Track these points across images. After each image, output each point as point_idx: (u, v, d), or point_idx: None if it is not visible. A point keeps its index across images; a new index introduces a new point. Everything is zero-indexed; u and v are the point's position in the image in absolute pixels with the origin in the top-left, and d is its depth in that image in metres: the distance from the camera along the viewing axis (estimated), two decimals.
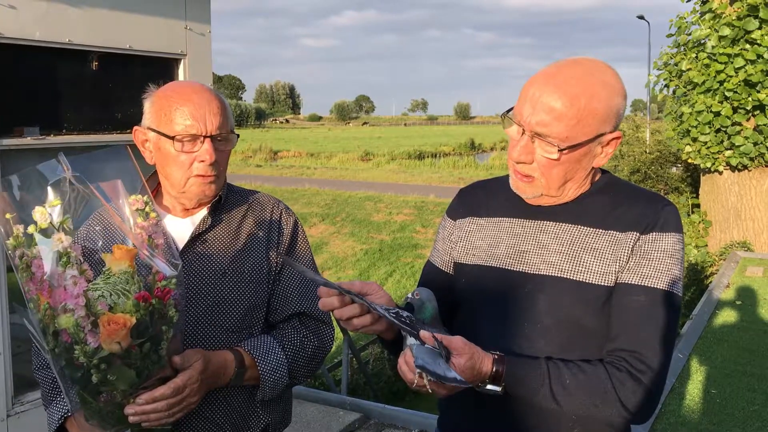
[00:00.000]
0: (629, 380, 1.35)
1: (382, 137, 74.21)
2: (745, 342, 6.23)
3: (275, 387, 1.66)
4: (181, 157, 1.60)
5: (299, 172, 37.20)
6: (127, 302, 1.28)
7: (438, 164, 43.02)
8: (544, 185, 1.45)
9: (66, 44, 3.02)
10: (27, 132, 2.96)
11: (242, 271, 1.67)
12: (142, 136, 1.66)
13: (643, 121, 20.70)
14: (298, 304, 1.74)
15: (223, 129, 1.63)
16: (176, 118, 1.58)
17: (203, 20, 3.64)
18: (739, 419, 4.52)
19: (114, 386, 1.32)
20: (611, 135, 1.42)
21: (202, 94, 1.62)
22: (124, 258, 1.34)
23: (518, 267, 1.50)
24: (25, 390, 3.08)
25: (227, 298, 1.65)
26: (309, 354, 1.72)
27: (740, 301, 7.70)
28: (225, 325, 1.64)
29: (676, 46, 12.52)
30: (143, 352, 1.31)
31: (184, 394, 1.43)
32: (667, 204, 1.48)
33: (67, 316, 1.24)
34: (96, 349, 1.25)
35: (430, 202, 24.27)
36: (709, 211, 12.61)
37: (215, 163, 1.61)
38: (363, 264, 18.79)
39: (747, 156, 11.36)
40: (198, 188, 1.63)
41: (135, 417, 1.37)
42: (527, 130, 1.40)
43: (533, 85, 1.41)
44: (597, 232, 1.46)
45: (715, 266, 11.46)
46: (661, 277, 1.40)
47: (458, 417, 1.60)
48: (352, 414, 4.42)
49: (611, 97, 1.39)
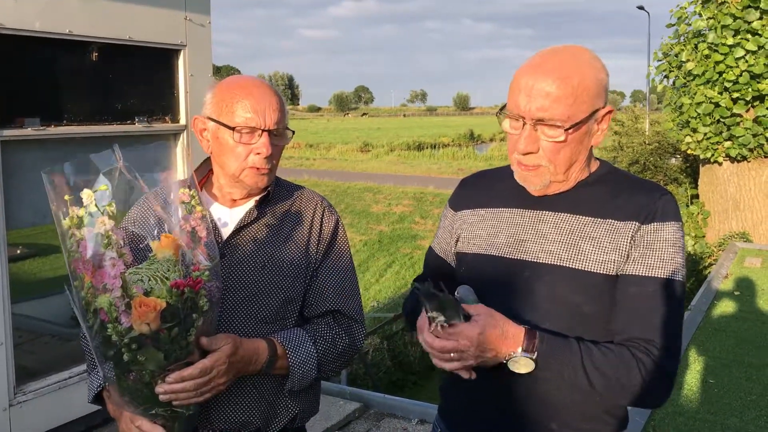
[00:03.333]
0: (651, 365, 1.38)
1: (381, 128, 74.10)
2: (743, 332, 6.26)
3: (303, 379, 1.70)
4: (239, 148, 1.65)
5: (298, 163, 37.16)
6: (162, 288, 1.35)
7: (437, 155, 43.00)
8: (552, 171, 1.46)
9: (66, 35, 3.03)
10: (28, 123, 2.96)
11: (281, 264, 1.72)
12: (201, 125, 1.72)
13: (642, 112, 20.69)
14: (333, 301, 1.77)
15: (280, 125, 1.68)
16: (237, 110, 1.64)
17: (203, 11, 3.64)
18: (737, 409, 4.55)
19: (143, 366, 1.38)
20: (604, 110, 1.46)
21: (264, 89, 1.68)
22: (169, 246, 1.41)
23: (517, 255, 1.52)
24: (27, 380, 3.10)
25: (264, 289, 1.69)
26: (339, 350, 1.76)
27: (738, 292, 7.72)
28: (259, 316, 1.69)
29: (677, 36, 12.50)
30: (171, 336, 1.37)
31: (212, 375, 1.47)
32: (664, 193, 1.50)
33: (105, 296, 1.32)
34: (128, 329, 1.33)
35: (429, 193, 24.28)
36: (708, 201, 12.63)
37: (270, 156, 1.67)
38: (362, 255, 18.81)
39: (746, 147, 11.37)
40: (252, 179, 1.68)
41: (165, 396, 1.43)
42: (528, 119, 1.41)
43: (523, 76, 1.43)
44: (596, 221, 1.48)
45: (713, 257, 11.51)
46: (666, 267, 1.43)
47: (458, 404, 1.63)
48: (352, 403, 4.44)
49: (598, 74, 1.44)
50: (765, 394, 4.79)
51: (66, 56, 3.12)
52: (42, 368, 3.24)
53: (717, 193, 12.33)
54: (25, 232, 3.27)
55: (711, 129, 11.62)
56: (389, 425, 4.25)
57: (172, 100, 3.58)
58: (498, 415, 1.52)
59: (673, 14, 12.50)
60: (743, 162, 11.82)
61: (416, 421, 4.29)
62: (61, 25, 3.00)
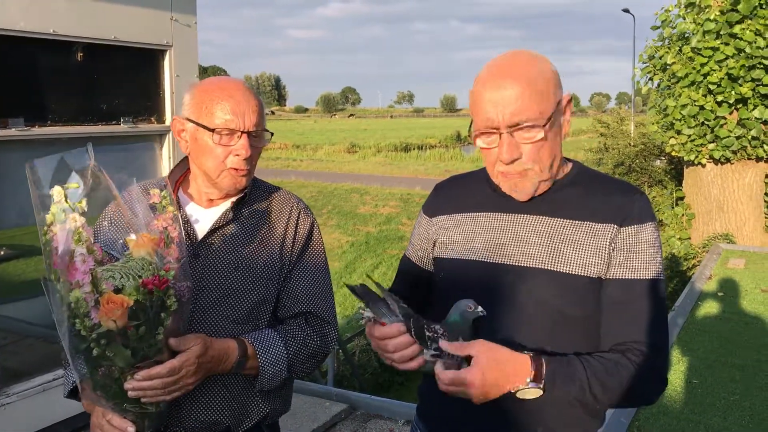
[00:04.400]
0: (646, 366, 1.40)
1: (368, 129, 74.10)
2: (726, 333, 6.31)
3: (274, 379, 1.71)
4: (217, 149, 1.67)
5: (285, 164, 37.06)
6: (131, 286, 1.36)
7: (424, 156, 43.01)
8: (538, 171, 1.47)
9: (51, 35, 3.01)
10: (12, 123, 2.94)
11: (255, 265, 1.72)
12: (180, 126, 1.73)
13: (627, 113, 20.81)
14: (306, 303, 1.78)
15: (259, 126, 1.70)
16: (217, 112, 1.65)
17: (189, 11, 3.62)
18: (720, 409, 4.59)
19: (112, 362, 1.41)
20: (565, 99, 1.49)
21: (244, 91, 1.70)
22: (146, 245, 1.43)
23: (498, 259, 1.52)
24: (11, 382, 3.08)
25: (237, 290, 1.70)
26: (310, 352, 1.77)
27: (722, 293, 7.78)
28: (232, 317, 1.69)
29: (661, 39, 12.59)
30: (139, 334, 1.38)
31: (180, 375, 1.49)
32: (639, 193, 1.53)
33: (77, 291, 1.34)
34: (95, 325, 1.34)
35: (416, 194, 24.29)
36: (692, 203, 12.73)
37: (249, 158, 1.68)
38: (349, 256, 18.80)
39: (730, 149, 11.47)
40: (230, 181, 1.70)
41: (133, 392, 1.45)
42: (503, 127, 1.42)
43: (484, 90, 1.44)
44: (574, 224, 1.49)
45: (697, 258, 11.60)
46: (649, 268, 1.46)
47: (437, 405, 1.62)
48: (339, 405, 4.44)
49: (548, 66, 1.48)
50: (748, 395, 4.83)
51: (50, 56, 3.10)
52: (26, 370, 3.22)
53: (701, 195, 12.43)
54: (9, 233, 3.25)
55: (695, 131, 11.71)
56: (376, 426, 4.26)
57: (158, 100, 3.57)
58: (476, 414, 1.52)
59: (658, 17, 12.60)
60: (727, 164, 11.93)
61: (402, 422, 4.30)
62: (46, 25, 2.98)
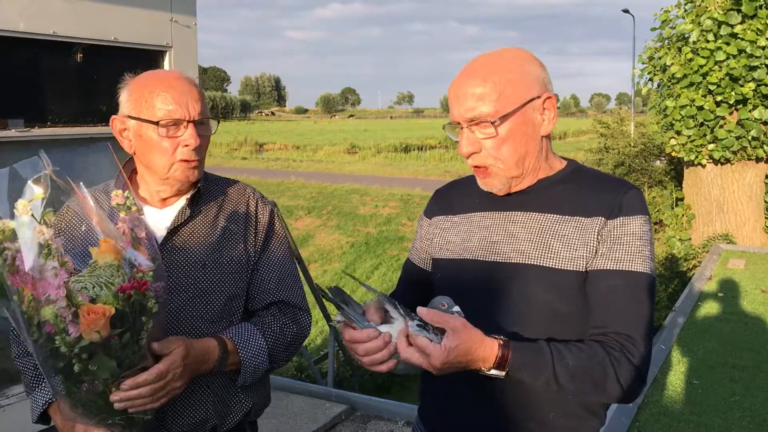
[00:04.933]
0: (624, 360, 1.38)
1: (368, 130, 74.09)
2: (726, 333, 6.31)
3: (256, 372, 1.70)
4: (164, 143, 1.61)
5: (285, 165, 37.05)
6: (108, 294, 1.30)
7: (424, 157, 42.98)
8: (503, 167, 1.49)
9: (50, 36, 3.00)
10: (11, 124, 2.94)
11: (221, 262, 1.70)
12: (121, 125, 1.67)
13: (627, 114, 20.82)
14: (276, 292, 1.77)
15: (204, 115, 1.65)
16: (158, 104, 1.60)
17: (189, 12, 3.62)
18: (721, 409, 4.59)
19: (95, 376, 1.34)
20: (541, 99, 1.48)
21: (183, 80, 1.65)
22: (110, 251, 1.35)
23: (490, 257, 1.53)
24: (10, 383, 3.07)
25: (207, 289, 1.67)
26: (288, 340, 1.76)
27: (722, 293, 7.78)
28: (206, 316, 1.67)
29: (661, 40, 12.60)
30: (123, 342, 1.33)
31: (168, 379, 1.45)
32: (630, 188, 1.52)
33: (50, 308, 1.26)
34: (77, 339, 1.28)
35: (416, 195, 24.28)
36: (692, 204, 12.73)
37: (198, 147, 1.63)
38: (349, 257, 18.79)
39: (729, 149, 11.47)
40: (182, 174, 1.64)
41: (120, 403, 1.39)
42: (462, 122, 1.48)
43: (452, 87, 1.51)
44: (564, 219, 1.49)
45: (697, 258, 11.59)
46: (634, 260, 1.44)
47: (437, 404, 1.63)
48: (339, 406, 4.44)
49: (523, 66, 1.48)
50: (748, 395, 4.83)
51: (50, 57, 3.10)
52: None
53: (701, 196, 12.43)
54: None
55: (694, 131, 11.71)
56: (375, 427, 4.26)
57: None
58: (476, 415, 1.53)
59: (658, 18, 12.60)
60: (727, 164, 11.93)
61: (402, 422, 4.30)
62: (46, 26, 2.98)
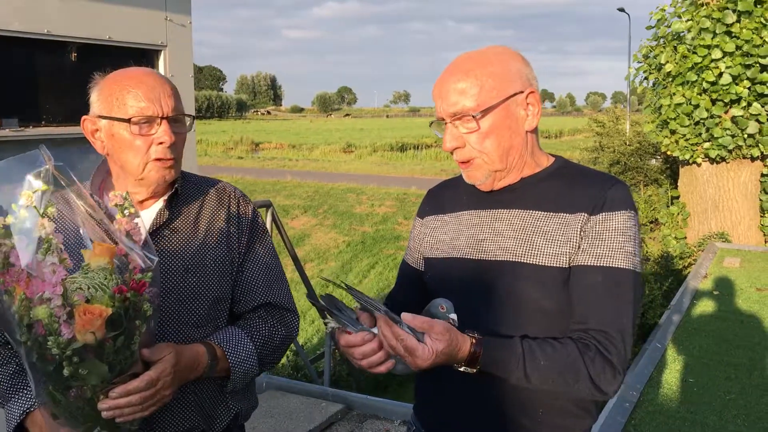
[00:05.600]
0: (599, 358, 1.38)
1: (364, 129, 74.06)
2: (722, 332, 6.32)
3: (245, 377, 1.67)
4: (137, 141, 1.55)
5: (281, 164, 37.00)
6: (104, 296, 1.26)
7: (420, 156, 43.00)
8: (487, 161, 1.50)
9: (45, 35, 2.99)
10: (5, 124, 2.93)
11: (205, 264, 1.64)
12: (92, 126, 1.61)
13: (623, 113, 20.84)
14: (263, 294, 1.72)
15: (178, 111, 1.59)
16: (129, 101, 1.54)
17: (184, 11, 3.61)
18: (716, 407, 4.60)
19: (85, 381, 1.29)
20: (523, 94, 1.49)
21: (154, 76, 1.59)
22: (103, 254, 1.32)
23: (477, 255, 1.54)
24: None
25: (192, 293, 1.62)
26: (277, 343, 1.72)
27: (718, 292, 7.79)
28: (191, 321, 1.62)
29: (656, 38, 12.61)
30: (116, 345, 1.29)
31: (158, 387, 1.40)
32: (615, 182, 1.51)
33: (43, 307, 1.23)
34: (70, 341, 1.23)
35: (412, 194, 24.28)
36: (687, 202, 12.75)
37: (173, 145, 1.57)
38: (345, 256, 18.78)
39: (725, 148, 11.49)
40: (157, 173, 1.58)
41: (108, 412, 1.33)
42: (446, 117, 1.50)
43: (436, 84, 1.53)
44: (548, 216, 1.50)
45: (693, 257, 11.61)
46: (615, 256, 1.43)
47: (432, 402, 1.64)
48: (335, 405, 4.44)
49: (505, 62, 1.50)
50: (744, 393, 4.84)
51: (45, 56, 3.09)
52: None
53: (696, 194, 12.44)
54: None
55: (689, 130, 11.73)
56: (372, 426, 4.26)
57: None
58: (471, 412, 1.53)
59: (653, 16, 12.61)
60: (722, 163, 11.94)
61: (399, 422, 4.30)
62: (40, 25, 2.97)
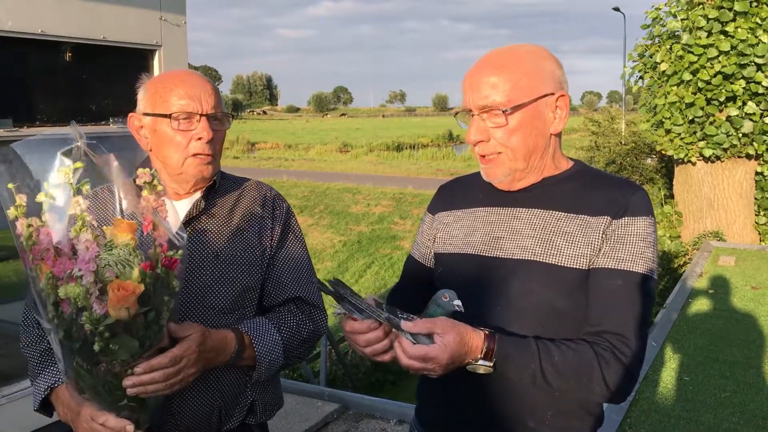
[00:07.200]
0: (613, 361, 1.39)
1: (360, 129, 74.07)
2: (717, 330, 6.33)
3: (271, 367, 1.69)
4: (177, 137, 1.63)
5: (277, 164, 36.99)
6: (132, 272, 1.29)
7: (416, 155, 43.02)
8: (510, 157, 1.49)
9: (39, 35, 2.98)
10: (0, 124, 2.92)
11: (235, 253, 1.70)
12: (137, 123, 1.69)
13: (618, 112, 20.88)
14: (293, 288, 1.77)
15: (218, 109, 1.67)
16: (171, 99, 1.63)
17: (178, 11, 3.60)
18: (711, 406, 4.61)
19: (115, 356, 1.32)
20: (554, 96, 1.49)
21: (196, 76, 1.69)
22: (126, 231, 1.35)
23: (493, 253, 1.53)
24: (1, 384, 3.06)
25: (220, 280, 1.67)
26: (304, 337, 1.76)
27: (713, 290, 7.82)
28: (217, 307, 1.66)
29: (651, 38, 12.63)
30: (148, 321, 1.33)
31: (181, 365, 1.43)
32: (637, 189, 1.52)
33: (72, 285, 1.24)
34: (103, 316, 1.26)
35: (409, 193, 24.30)
36: (682, 201, 12.77)
37: (212, 141, 1.65)
38: (342, 256, 18.78)
39: (720, 147, 11.51)
40: (195, 168, 1.66)
41: (133, 389, 1.37)
42: (474, 109, 1.49)
43: (468, 76, 1.52)
44: (569, 217, 1.50)
45: (688, 256, 11.63)
46: (636, 261, 1.44)
47: (435, 404, 1.63)
48: (331, 404, 4.44)
49: (539, 61, 1.49)
50: (739, 391, 4.85)
51: (39, 56, 3.08)
52: (17, 372, 3.20)
53: (691, 193, 12.47)
54: None
55: (684, 129, 11.75)
56: (368, 426, 4.26)
57: None
58: (474, 414, 1.53)
59: (648, 15, 12.63)
60: (717, 162, 11.97)
61: (395, 421, 4.30)
62: (34, 25, 2.96)
